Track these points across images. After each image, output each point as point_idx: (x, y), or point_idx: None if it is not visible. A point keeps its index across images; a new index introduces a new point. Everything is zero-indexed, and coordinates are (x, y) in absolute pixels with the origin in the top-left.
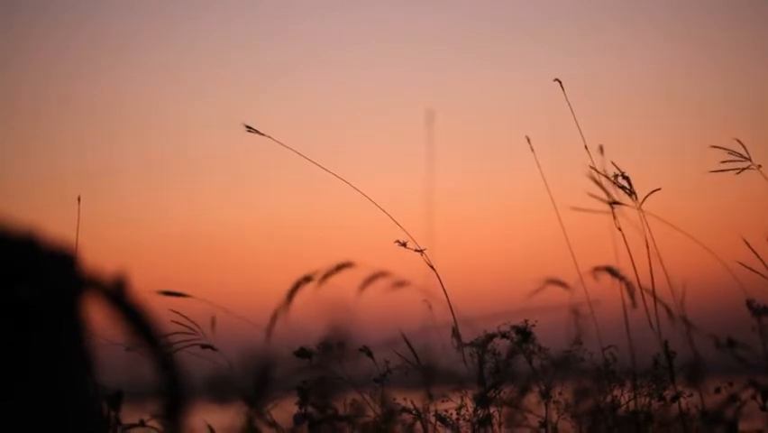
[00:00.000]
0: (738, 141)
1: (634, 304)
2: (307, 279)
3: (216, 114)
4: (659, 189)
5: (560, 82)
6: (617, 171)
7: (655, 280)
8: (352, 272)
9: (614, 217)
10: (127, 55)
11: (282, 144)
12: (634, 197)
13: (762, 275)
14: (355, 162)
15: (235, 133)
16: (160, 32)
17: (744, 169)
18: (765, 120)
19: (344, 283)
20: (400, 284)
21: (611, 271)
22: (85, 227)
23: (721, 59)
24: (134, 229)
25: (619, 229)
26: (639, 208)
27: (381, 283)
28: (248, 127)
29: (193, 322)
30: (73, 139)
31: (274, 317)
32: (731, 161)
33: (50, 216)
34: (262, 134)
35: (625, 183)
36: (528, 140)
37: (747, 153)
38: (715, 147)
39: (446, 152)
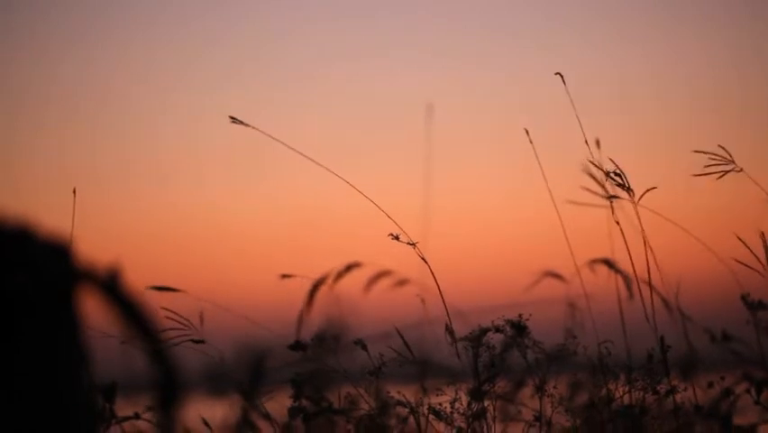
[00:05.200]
0: (721, 146)
1: (631, 295)
2: (323, 280)
3: (211, 108)
4: (655, 188)
5: (561, 76)
6: (614, 167)
7: (652, 275)
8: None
9: (612, 212)
10: (126, 50)
11: (269, 136)
12: (630, 192)
13: (756, 270)
14: (352, 156)
15: (228, 128)
16: (163, 29)
17: (727, 172)
18: (757, 117)
19: (344, 279)
20: (402, 282)
21: (608, 263)
22: (80, 220)
23: (715, 56)
24: (128, 222)
25: (617, 223)
26: (636, 204)
27: (383, 282)
28: (232, 118)
29: (184, 317)
30: (69, 133)
31: (299, 322)
32: (714, 164)
33: (45, 209)
34: (247, 125)
35: (619, 180)
36: (527, 132)
37: (731, 157)
38: (698, 152)
39: (442, 145)
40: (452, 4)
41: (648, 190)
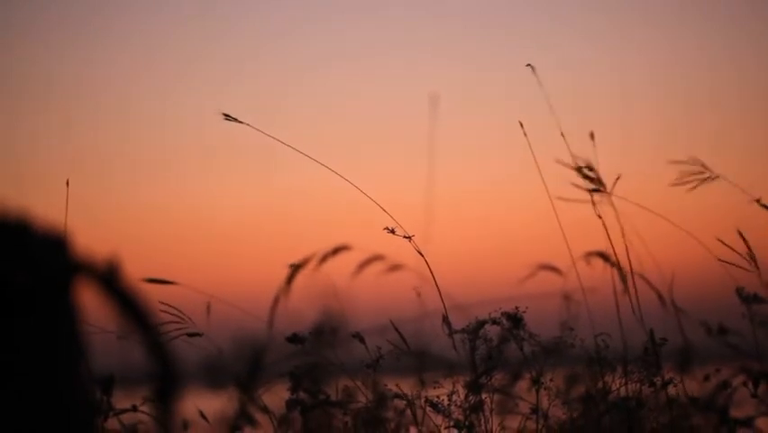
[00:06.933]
0: (696, 158)
1: (626, 289)
2: (305, 262)
3: (211, 105)
4: (620, 177)
5: (532, 67)
6: (581, 164)
7: (636, 267)
8: (346, 257)
9: (593, 205)
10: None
11: (262, 132)
12: (603, 187)
13: (743, 268)
14: (353, 153)
15: (226, 124)
16: (163, 27)
17: (703, 181)
18: (749, 109)
19: (339, 268)
20: (395, 268)
21: (603, 256)
22: (76, 212)
23: (708, 50)
24: (124, 215)
25: (599, 217)
26: (610, 195)
27: (376, 267)
28: (225, 115)
29: (180, 310)
30: (66, 127)
31: (275, 303)
32: (691, 174)
33: (41, 201)
34: (241, 122)
35: (591, 174)
36: (521, 125)
37: (706, 166)
38: (674, 162)
39: (440, 140)
40: (453, 2)
41: (617, 179)
